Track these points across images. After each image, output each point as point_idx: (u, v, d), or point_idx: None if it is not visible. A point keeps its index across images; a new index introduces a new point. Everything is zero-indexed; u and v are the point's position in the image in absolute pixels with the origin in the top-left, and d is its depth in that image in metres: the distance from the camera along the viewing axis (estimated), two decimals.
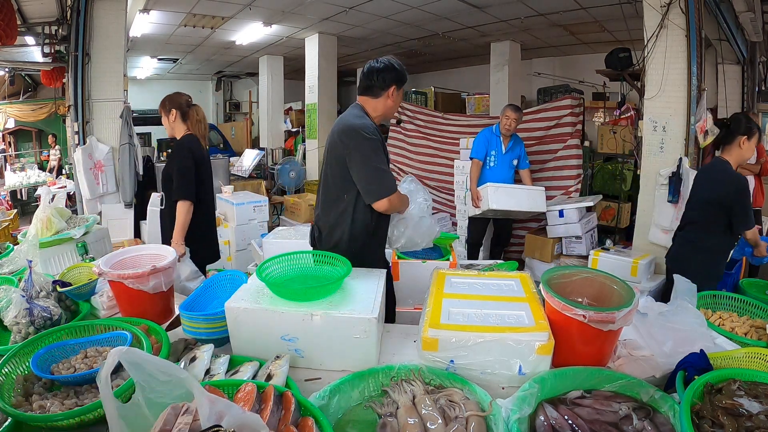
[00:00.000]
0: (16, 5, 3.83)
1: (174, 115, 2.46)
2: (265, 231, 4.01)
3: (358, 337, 1.20)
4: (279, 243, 3.10)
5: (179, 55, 8.78)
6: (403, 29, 6.67)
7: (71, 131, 4.04)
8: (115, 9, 3.99)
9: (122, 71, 4.07)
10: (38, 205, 2.31)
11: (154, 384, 0.86)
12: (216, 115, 12.68)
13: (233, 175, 6.65)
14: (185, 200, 2.30)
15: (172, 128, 2.50)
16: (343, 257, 1.46)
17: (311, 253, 1.54)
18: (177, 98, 2.50)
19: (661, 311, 1.41)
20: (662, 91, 3.37)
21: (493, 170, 4.03)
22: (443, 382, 1.12)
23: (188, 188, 2.31)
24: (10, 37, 3.40)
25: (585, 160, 5.12)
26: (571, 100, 4.78)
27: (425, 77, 10.31)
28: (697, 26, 3.20)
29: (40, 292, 1.56)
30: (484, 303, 1.31)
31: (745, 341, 1.49)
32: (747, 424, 0.88)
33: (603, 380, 1.07)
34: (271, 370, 1.11)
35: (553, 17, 5.89)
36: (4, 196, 6.78)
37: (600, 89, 6.57)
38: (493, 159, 4.03)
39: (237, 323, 1.27)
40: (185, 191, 2.30)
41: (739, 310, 1.76)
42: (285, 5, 5.69)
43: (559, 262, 4.08)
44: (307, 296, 1.28)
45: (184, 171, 2.33)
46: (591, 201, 4.17)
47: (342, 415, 1.05)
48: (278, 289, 1.31)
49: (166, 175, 2.44)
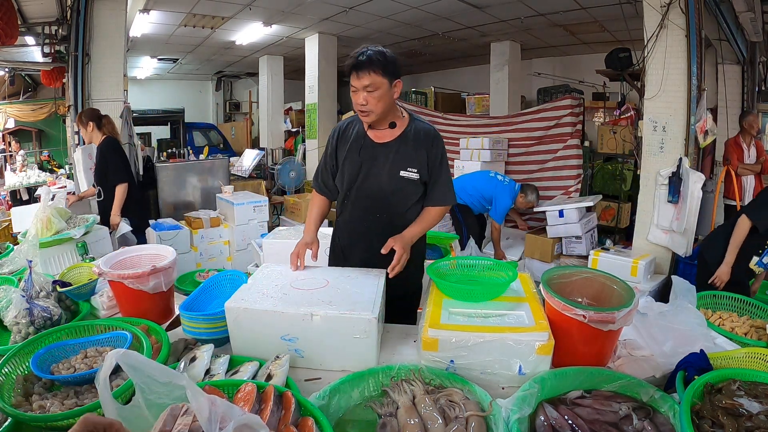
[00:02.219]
0: (16, 5, 3.83)
1: (91, 126, 3.14)
2: (265, 231, 4.01)
3: (357, 337, 1.20)
4: (279, 243, 3.09)
5: (179, 55, 8.78)
6: (403, 29, 6.67)
7: (71, 131, 4.04)
8: (115, 9, 3.99)
9: (122, 71, 4.08)
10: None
11: (154, 385, 0.86)
12: (216, 115, 12.68)
13: (233, 175, 6.65)
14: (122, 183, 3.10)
15: (90, 137, 3.19)
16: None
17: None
18: (90, 113, 3.18)
19: (661, 311, 1.41)
20: (662, 91, 3.37)
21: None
22: (443, 382, 1.12)
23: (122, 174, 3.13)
24: (11, 37, 3.40)
25: (585, 160, 5.12)
26: (571, 100, 4.79)
27: (425, 77, 10.31)
28: (697, 26, 3.20)
29: (40, 292, 1.56)
30: (484, 303, 1.31)
31: (745, 341, 1.49)
32: (747, 424, 0.88)
33: (603, 380, 1.07)
34: (271, 370, 1.11)
35: (553, 17, 5.89)
36: (4, 196, 6.77)
37: (600, 89, 6.58)
38: None
39: (237, 323, 1.26)
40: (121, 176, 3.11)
41: (739, 310, 1.76)
42: (285, 5, 5.69)
43: (559, 262, 4.08)
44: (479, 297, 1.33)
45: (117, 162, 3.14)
46: (591, 201, 4.18)
47: (342, 415, 1.05)
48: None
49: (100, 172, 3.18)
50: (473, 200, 4.10)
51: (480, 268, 1.51)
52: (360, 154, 1.65)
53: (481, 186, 4.10)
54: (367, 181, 1.66)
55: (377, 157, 1.64)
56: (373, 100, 1.51)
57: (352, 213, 1.72)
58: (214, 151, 8.84)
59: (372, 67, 1.47)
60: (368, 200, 1.68)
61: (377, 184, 1.64)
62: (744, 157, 4.17)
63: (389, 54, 1.52)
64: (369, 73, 1.48)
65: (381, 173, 1.63)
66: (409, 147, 1.62)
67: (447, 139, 5.56)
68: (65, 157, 8.17)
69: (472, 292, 1.31)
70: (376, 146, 1.64)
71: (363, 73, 1.48)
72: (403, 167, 1.62)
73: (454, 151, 5.35)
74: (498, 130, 5.21)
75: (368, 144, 1.65)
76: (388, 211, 1.66)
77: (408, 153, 1.62)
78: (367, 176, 1.65)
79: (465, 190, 4.13)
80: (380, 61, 1.48)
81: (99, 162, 3.19)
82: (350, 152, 1.66)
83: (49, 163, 8.59)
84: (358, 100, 1.54)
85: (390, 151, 1.63)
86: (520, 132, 5.10)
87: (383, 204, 1.66)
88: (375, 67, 1.48)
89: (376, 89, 1.50)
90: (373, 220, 1.68)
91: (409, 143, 1.62)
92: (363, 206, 1.69)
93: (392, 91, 1.55)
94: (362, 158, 1.65)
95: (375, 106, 1.52)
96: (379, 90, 1.51)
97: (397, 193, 1.64)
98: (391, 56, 1.52)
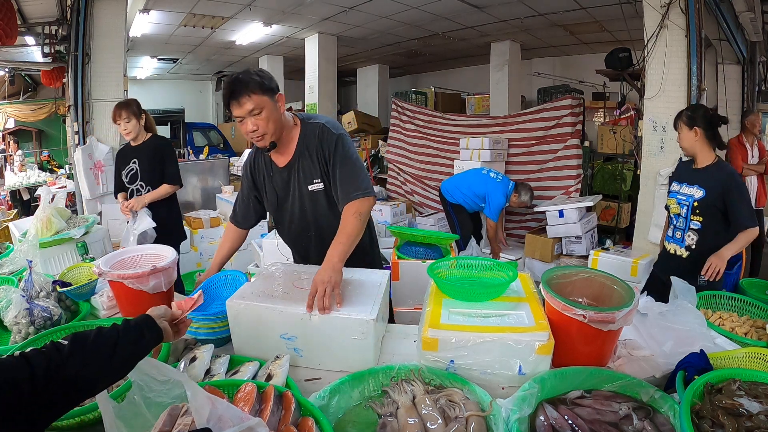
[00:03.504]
0: (16, 5, 3.83)
1: (143, 119, 2.83)
2: (265, 231, 4.00)
3: (356, 338, 1.20)
4: (279, 243, 3.09)
5: (179, 55, 8.78)
6: (403, 29, 6.67)
7: (71, 131, 4.04)
8: (115, 9, 3.99)
9: (122, 71, 4.07)
10: (38, 205, 2.32)
11: (153, 384, 0.86)
12: (216, 115, 12.68)
13: (233, 175, 6.63)
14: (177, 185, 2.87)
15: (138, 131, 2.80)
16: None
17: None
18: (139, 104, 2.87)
19: (660, 311, 1.41)
20: (662, 91, 3.37)
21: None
22: (443, 382, 1.12)
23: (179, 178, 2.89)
24: (10, 37, 3.40)
25: (585, 160, 5.12)
26: (571, 100, 4.79)
27: (425, 77, 10.33)
28: (697, 26, 3.20)
29: (40, 292, 1.56)
30: (484, 303, 1.31)
31: (745, 341, 1.49)
32: (747, 424, 0.88)
33: (603, 380, 1.07)
34: (271, 370, 1.11)
35: (553, 17, 5.89)
36: (4, 196, 6.77)
37: (600, 89, 6.58)
38: None
39: (237, 320, 1.27)
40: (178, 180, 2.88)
41: (739, 310, 1.76)
42: (285, 5, 5.69)
43: (559, 262, 4.08)
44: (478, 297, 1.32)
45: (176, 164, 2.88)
46: (591, 201, 4.18)
47: (342, 415, 1.05)
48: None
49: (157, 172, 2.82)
50: (466, 198, 4.09)
51: (480, 268, 1.51)
52: (273, 182, 1.67)
53: (474, 184, 4.08)
54: (286, 206, 1.68)
55: (288, 181, 1.64)
56: (262, 122, 1.46)
57: (289, 236, 1.78)
58: (214, 151, 8.85)
59: (249, 89, 1.42)
60: (293, 224, 1.70)
61: (296, 207, 1.66)
62: (747, 156, 4.16)
63: (262, 72, 1.49)
64: (249, 96, 1.42)
65: (294, 195, 1.65)
66: (306, 158, 1.60)
67: (447, 139, 5.56)
68: (65, 157, 8.16)
69: (472, 292, 1.31)
70: (282, 171, 1.64)
71: (243, 98, 1.42)
72: (309, 182, 1.61)
73: (454, 151, 5.35)
74: (498, 130, 5.21)
75: (275, 171, 1.65)
76: (316, 225, 1.67)
77: (307, 165, 1.60)
78: (285, 201, 1.67)
79: (458, 189, 4.13)
80: (255, 81, 1.43)
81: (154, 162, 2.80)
82: (266, 182, 1.69)
83: (49, 163, 8.58)
84: (247, 128, 1.47)
85: (293, 170, 1.62)
86: (520, 132, 5.09)
87: (308, 222, 1.67)
88: (252, 88, 1.42)
89: (261, 110, 1.45)
90: (306, 238, 1.71)
91: (305, 154, 1.60)
92: (295, 229, 1.72)
93: (277, 106, 1.50)
94: (275, 186, 1.67)
95: (266, 128, 1.48)
96: (265, 110, 1.46)
97: (315, 208, 1.64)
98: (265, 73, 1.48)
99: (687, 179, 2.25)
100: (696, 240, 2.21)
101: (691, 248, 2.22)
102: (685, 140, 2.23)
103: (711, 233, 2.16)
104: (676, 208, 2.28)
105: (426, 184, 5.82)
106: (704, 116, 2.21)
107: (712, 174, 2.16)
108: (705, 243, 2.17)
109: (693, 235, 2.21)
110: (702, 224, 2.18)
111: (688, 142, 2.22)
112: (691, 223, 2.21)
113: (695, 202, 2.18)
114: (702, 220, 2.18)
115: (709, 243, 2.15)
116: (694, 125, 2.19)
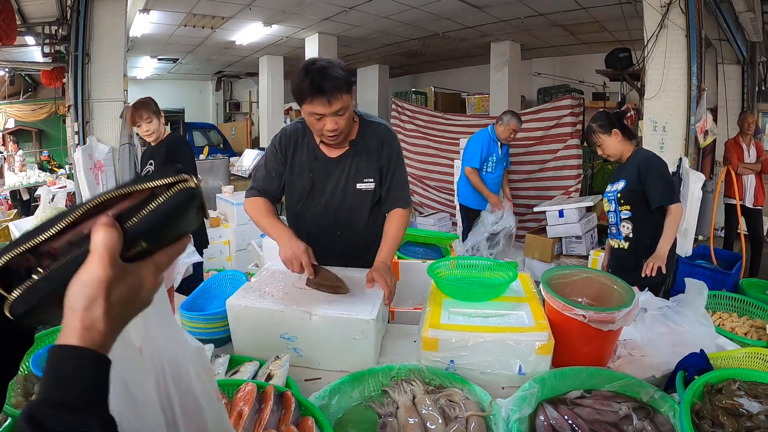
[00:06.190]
0: (16, 5, 3.83)
1: (163, 117, 2.70)
2: None
3: (356, 338, 1.20)
4: None
5: (179, 55, 8.78)
6: (403, 29, 6.67)
7: (71, 131, 4.04)
8: (115, 9, 3.98)
9: (122, 71, 4.07)
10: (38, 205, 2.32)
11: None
12: (216, 115, 12.69)
13: (233, 175, 6.64)
14: None
15: (159, 130, 2.67)
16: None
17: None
18: (155, 102, 2.73)
19: (660, 307, 1.41)
20: (662, 91, 3.37)
21: (489, 176, 3.97)
22: (443, 382, 1.11)
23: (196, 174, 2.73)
24: (10, 37, 3.40)
25: (585, 160, 5.12)
26: (571, 100, 4.79)
27: (425, 77, 10.32)
28: (697, 26, 3.20)
29: None
30: (484, 303, 1.31)
31: (745, 341, 1.49)
32: (747, 424, 0.88)
33: (603, 380, 1.07)
34: (271, 370, 1.11)
35: (553, 17, 5.89)
36: (4, 196, 6.77)
37: (600, 89, 6.59)
38: (491, 166, 3.96)
39: (238, 320, 1.27)
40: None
41: (739, 310, 1.76)
42: (285, 5, 5.69)
43: (559, 262, 4.08)
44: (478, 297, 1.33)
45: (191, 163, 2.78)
46: (591, 201, 4.17)
47: (342, 415, 1.05)
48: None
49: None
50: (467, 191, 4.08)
51: (480, 268, 1.51)
52: (312, 171, 1.54)
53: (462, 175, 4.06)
54: (321, 198, 1.55)
55: (331, 174, 1.54)
56: (343, 121, 1.37)
57: (311, 229, 1.58)
58: (214, 151, 8.84)
59: (341, 89, 1.30)
60: (325, 218, 1.57)
61: (334, 201, 1.55)
62: (744, 156, 4.17)
63: (341, 64, 1.36)
64: (340, 96, 1.30)
65: (337, 189, 1.54)
66: (362, 156, 1.53)
67: (447, 139, 5.56)
68: (65, 157, 8.16)
69: (472, 292, 1.31)
70: (329, 162, 1.53)
71: (334, 98, 1.29)
72: (359, 179, 1.53)
73: (454, 151, 5.34)
74: None
75: (321, 159, 1.53)
76: (350, 227, 1.58)
77: (363, 162, 1.53)
78: (321, 193, 1.55)
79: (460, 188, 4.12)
80: (344, 78, 1.31)
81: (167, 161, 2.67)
82: (301, 168, 1.54)
83: (49, 163, 8.58)
84: (326, 126, 1.35)
85: (344, 164, 1.53)
86: (519, 132, 5.09)
87: (343, 220, 1.57)
88: (344, 87, 1.31)
89: (346, 110, 1.35)
90: (333, 236, 1.59)
91: (362, 152, 1.52)
92: (324, 224, 1.58)
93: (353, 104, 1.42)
94: (315, 175, 1.54)
95: (345, 127, 1.40)
96: (348, 109, 1.37)
97: (356, 206, 1.56)
98: (344, 66, 1.36)
99: (615, 177, 2.33)
100: (631, 228, 2.25)
101: (629, 238, 2.26)
102: (610, 147, 2.27)
103: (642, 217, 2.21)
104: (607, 205, 2.35)
105: (426, 184, 5.82)
106: (611, 117, 2.29)
107: (631, 163, 2.23)
108: (640, 228, 2.22)
109: (626, 224, 2.26)
110: (631, 212, 2.23)
111: (613, 148, 2.27)
112: (621, 214, 2.26)
113: (618, 193, 2.25)
114: (630, 208, 2.23)
115: (645, 226, 2.20)
116: (611, 129, 2.24)
